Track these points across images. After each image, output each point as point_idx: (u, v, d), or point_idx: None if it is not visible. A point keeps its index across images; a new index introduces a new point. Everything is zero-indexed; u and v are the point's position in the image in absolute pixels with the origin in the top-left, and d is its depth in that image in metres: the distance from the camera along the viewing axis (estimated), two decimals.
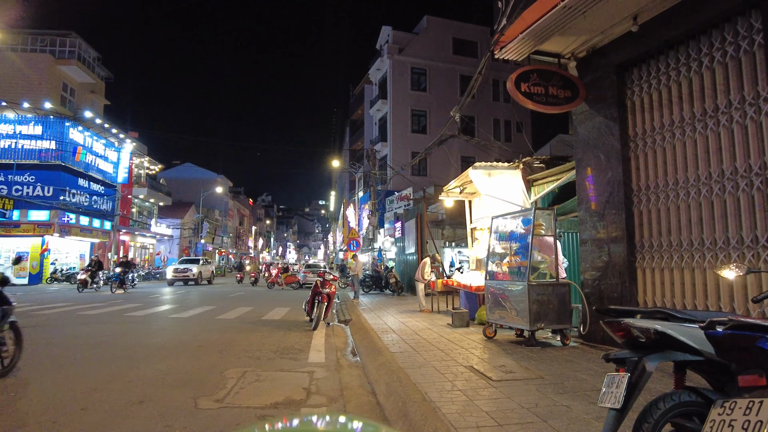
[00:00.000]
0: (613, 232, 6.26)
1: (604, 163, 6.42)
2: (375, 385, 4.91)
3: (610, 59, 6.40)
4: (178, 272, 26.31)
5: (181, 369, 5.43)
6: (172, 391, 4.47)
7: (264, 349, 6.75)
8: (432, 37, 33.53)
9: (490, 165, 8.88)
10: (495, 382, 4.48)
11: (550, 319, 6.27)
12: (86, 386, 4.61)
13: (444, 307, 11.21)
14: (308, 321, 9.62)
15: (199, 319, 10.26)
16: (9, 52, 26.58)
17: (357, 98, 44.09)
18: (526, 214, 6.79)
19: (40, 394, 4.33)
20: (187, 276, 26.20)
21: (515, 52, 6.66)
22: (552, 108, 6.53)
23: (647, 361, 2.11)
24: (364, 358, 6.28)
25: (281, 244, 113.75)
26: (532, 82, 6.48)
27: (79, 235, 26.97)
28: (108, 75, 32.61)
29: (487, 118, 33.12)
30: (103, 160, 29.69)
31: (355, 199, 38.07)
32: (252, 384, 4.82)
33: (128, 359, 5.95)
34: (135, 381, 4.85)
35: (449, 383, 4.43)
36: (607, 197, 6.35)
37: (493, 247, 7.39)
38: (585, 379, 4.58)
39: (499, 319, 6.83)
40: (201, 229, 46.35)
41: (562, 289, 6.42)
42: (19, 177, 24.96)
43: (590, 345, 6.33)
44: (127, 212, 33.68)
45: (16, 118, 25.23)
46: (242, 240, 72.77)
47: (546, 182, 8.55)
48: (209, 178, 55.88)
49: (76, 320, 9.71)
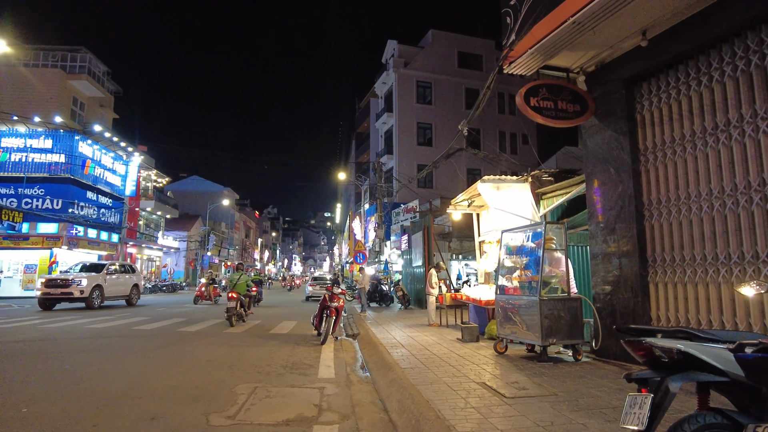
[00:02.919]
0: (625, 246, 6.22)
1: (615, 177, 6.40)
2: (386, 402, 4.86)
3: (619, 74, 6.41)
4: (51, 286, 15.95)
5: (191, 384, 5.41)
6: (183, 408, 4.45)
7: (273, 364, 6.72)
8: (437, 51, 33.82)
9: (499, 179, 8.88)
10: (508, 399, 4.43)
11: (561, 334, 6.21)
12: (96, 401, 4.59)
13: (452, 321, 11.14)
14: (316, 335, 9.57)
15: None
16: (21, 67, 27.04)
17: (363, 111, 44.37)
18: (536, 228, 6.77)
19: (52, 408, 4.32)
20: (70, 294, 15.95)
21: (524, 67, 6.69)
22: (561, 122, 6.54)
23: (671, 382, 2.08)
24: (374, 374, 6.23)
25: (287, 257, 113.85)
26: (542, 96, 6.49)
27: (87, 248, 27.09)
28: (117, 89, 33.05)
29: (493, 130, 33.23)
30: (111, 173, 29.95)
31: (361, 212, 38.12)
32: (263, 400, 4.79)
33: (137, 373, 5.94)
34: (145, 396, 4.83)
35: (462, 400, 4.39)
36: (618, 211, 6.33)
37: (503, 261, 7.36)
38: (599, 395, 4.52)
39: (509, 334, 6.77)
40: (207, 242, 46.46)
41: (573, 304, 6.37)
42: (28, 190, 25.22)
43: (603, 360, 6.26)
44: (134, 225, 33.87)
45: (27, 132, 25.59)
46: (248, 252, 72.86)
47: (555, 195, 8.53)
48: (216, 190, 56.20)
49: (85, 333, 9.72)
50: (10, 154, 25.48)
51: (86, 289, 16.35)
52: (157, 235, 39.33)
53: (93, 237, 27.77)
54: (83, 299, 16.27)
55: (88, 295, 16.34)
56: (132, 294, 19.48)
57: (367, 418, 4.31)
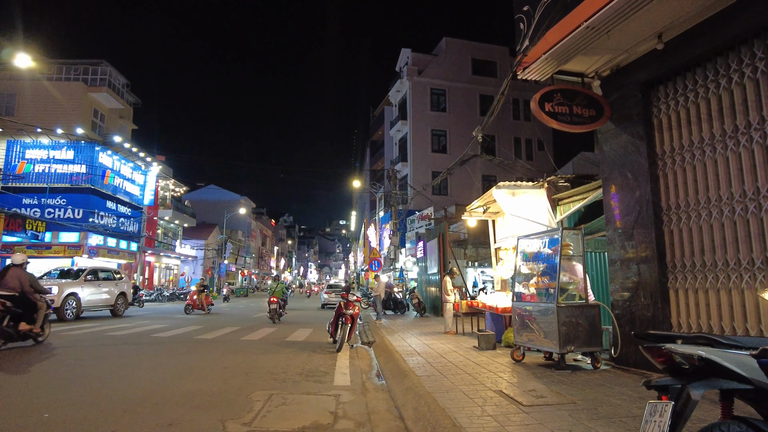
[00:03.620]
0: (643, 251, 6.12)
1: (632, 182, 6.32)
2: (402, 410, 4.84)
3: (634, 77, 6.35)
4: None
5: (207, 391, 5.45)
6: (200, 414, 4.48)
7: (289, 371, 6.74)
8: (451, 58, 33.88)
9: (514, 185, 8.82)
10: (526, 407, 4.37)
11: (579, 342, 6.12)
12: (115, 408, 4.65)
13: (469, 328, 11.06)
14: (332, 342, 9.58)
15: None
16: (45, 81, 27.77)
17: (377, 119, 44.59)
18: (552, 234, 6.70)
19: (72, 414, 4.38)
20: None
21: (538, 73, 6.67)
22: (577, 127, 6.49)
23: (692, 389, 2.03)
24: (389, 382, 6.20)
25: (303, 264, 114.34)
26: (556, 101, 6.46)
27: (106, 256, 27.57)
28: (136, 100, 33.73)
29: (508, 136, 33.07)
30: (130, 182, 30.50)
31: (376, 219, 38.17)
32: (279, 407, 4.80)
33: (155, 380, 6.00)
34: (162, 403, 4.87)
35: (479, 408, 4.34)
36: (636, 216, 6.23)
37: (519, 267, 7.30)
38: (619, 404, 4.43)
39: (527, 342, 6.70)
40: (224, 250, 46.95)
41: (591, 311, 6.27)
42: (51, 200, 25.80)
43: (622, 368, 6.14)
44: (152, 234, 34.38)
45: (50, 143, 26.23)
46: (264, 260, 73.40)
47: (572, 201, 8.44)
48: (233, 199, 56.89)
49: (105, 341, 9.86)
50: (34, 166, 26.13)
51: (57, 297, 13.85)
52: (175, 244, 39.86)
53: (113, 246, 28.26)
54: (54, 310, 13.11)
55: (59, 305, 13.90)
56: (118, 304, 17.14)
57: (383, 426, 4.29)
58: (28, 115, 26.13)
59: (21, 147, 26.13)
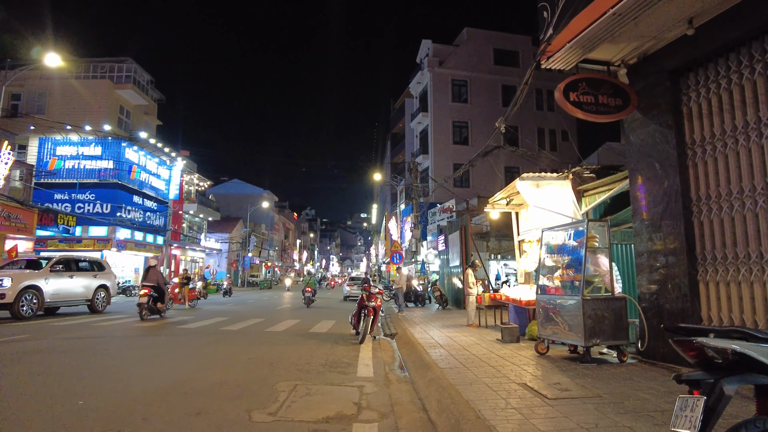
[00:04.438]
0: (672, 243, 5.98)
1: (660, 172, 6.16)
2: (425, 401, 4.85)
3: (663, 65, 6.17)
4: None
5: (233, 381, 5.55)
6: (226, 404, 4.57)
7: (313, 362, 6.81)
8: (472, 49, 33.47)
9: (538, 176, 8.69)
10: (550, 400, 4.34)
11: (605, 335, 6.03)
12: (145, 396, 4.78)
13: (492, 321, 11.00)
14: (354, 334, 9.65)
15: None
16: (72, 79, 28.48)
17: (398, 112, 44.42)
18: (578, 226, 6.60)
19: (105, 402, 4.52)
20: None
21: (562, 62, 6.54)
22: (602, 117, 6.34)
23: (726, 384, 1.98)
24: (412, 373, 6.22)
25: (324, 257, 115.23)
26: (581, 91, 6.32)
27: (134, 250, 28.26)
28: (160, 97, 34.32)
29: (532, 127, 32.58)
30: (155, 177, 31.12)
31: (397, 212, 38.15)
32: (303, 397, 4.86)
33: (182, 370, 6.14)
34: (190, 393, 4.99)
35: (503, 401, 4.32)
36: (664, 207, 6.08)
37: (544, 260, 7.21)
38: (647, 398, 4.36)
39: (551, 335, 6.63)
40: (248, 243, 47.61)
41: (617, 304, 6.17)
42: (80, 195, 26.57)
43: (650, 362, 6.03)
44: (178, 227, 35.05)
45: (79, 140, 26.95)
46: (287, 253, 74.20)
47: (597, 192, 8.29)
48: (256, 193, 57.56)
49: (131, 332, 10.13)
50: (64, 162, 26.91)
51: (9, 292, 11.68)
52: (200, 237, 40.58)
53: (139, 239, 28.93)
54: (6, 306, 11.68)
55: (12, 300, 11.71)
56: (96, 298, 14.78)
57: (407, 417, 4.31)
58: (58, 113, 26.89)
59: (52, 144, 26.92)
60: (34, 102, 28.04)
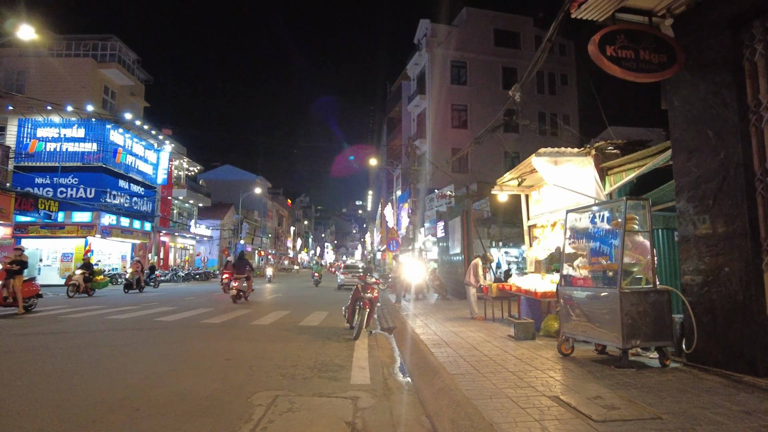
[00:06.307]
0: (729, 226, 4.99)
1: (714, 141, 5.16)
2: (435, 420, 3.88)
3: (719, 12, 5.14)
4: None
5: (201, 391, 4.56)
6: (185, 424, 3.60)
7: (300, 364, 5.85)
8: (472, 29, 32.19)
9: (557, 151, 7.66)
10: (597, 423, 3.38)
11: (646, 335, 5.07)
12: (85, 416, 3.79)
13: (498, 314, 10.05)
14: (348, 328, 8.73)
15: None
16: (54, 57, 27.06)
17: (394, 95, 43.14)
18: (611, 206, 5.61)
19: (26, 426, 3.53)
20: None
21: (596, 10, 5.49)
22: (644, 76, 5.32)
23: None
24: (417, 380, 5.26)
25: (319, 245, 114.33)
26: (619, 44, 5.29)
27: (120, 236, 27.13)
28: (147, 77, 32.89)
29: (532, 111, 31.46)
30: (142, 161, 29.91)
31: (393, 198, 37.15)
32: (284, 415, 3.90)
33: (144, 374, 5.16)
34: (144, 408, 4.00)
35: (536, 423, 3.37)
36: (720, 183, 5.09)
37: (568, 246, 6.22)
38: (723, 422, 3.39)
39: (578, 333, 5.66)
40: (240, 230, 46.48)
41: (660, 298, 5.20)
42: (63, 179, 25.37)
43: (699, 367, 5.09)
44: (166, 213, 33.89)
45: (61, 121, 25.67)
46: (281, 240, 73.13)
47: (625, 170, 7.29)
48: (248, 179, 56.31)
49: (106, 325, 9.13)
50: (45, 144, 25.66)
51: None
52: (190, 224, 39.38)
53: (126, 225, 27.79)
54: None
55: None
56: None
57: None
58: (38, 92, 25.43)
59: (32, 125, 25.64)
60: (12, 81, 26.57)
